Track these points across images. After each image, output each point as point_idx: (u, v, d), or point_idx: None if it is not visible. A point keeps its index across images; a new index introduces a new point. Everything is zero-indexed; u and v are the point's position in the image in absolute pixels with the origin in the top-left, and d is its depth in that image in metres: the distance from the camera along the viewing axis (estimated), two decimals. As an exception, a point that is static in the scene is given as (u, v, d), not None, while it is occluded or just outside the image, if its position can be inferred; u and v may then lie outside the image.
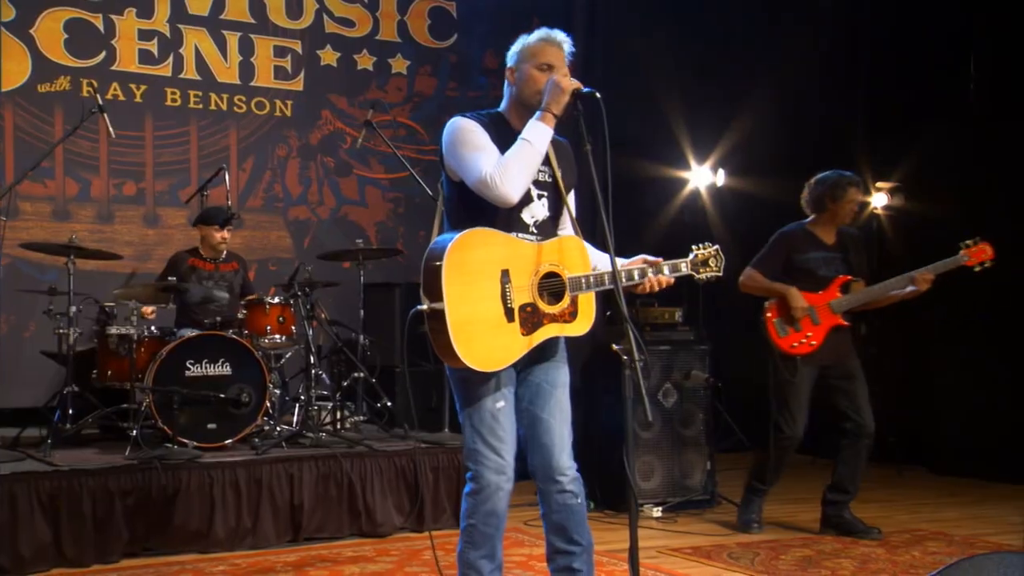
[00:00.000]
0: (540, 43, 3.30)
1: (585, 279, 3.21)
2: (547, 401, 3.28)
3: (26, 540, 4.60)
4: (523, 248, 3.17)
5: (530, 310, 3.13)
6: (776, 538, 5.38)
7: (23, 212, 7.26)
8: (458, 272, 3.06)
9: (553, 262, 3.20)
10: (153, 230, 7.58)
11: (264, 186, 7.98)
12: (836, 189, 5.44)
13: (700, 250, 3.46)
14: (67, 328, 5.58)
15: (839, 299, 5.46)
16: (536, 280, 3.16)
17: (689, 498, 6.28)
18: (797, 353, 5.44)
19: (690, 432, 6.36)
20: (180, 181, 7.66)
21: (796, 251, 5.53)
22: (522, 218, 3.25)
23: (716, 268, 3.47)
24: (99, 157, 7.47)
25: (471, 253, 3.09)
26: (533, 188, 3.28)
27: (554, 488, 3.28)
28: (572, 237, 3.27)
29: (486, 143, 3.19)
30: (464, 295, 3.05)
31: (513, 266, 3.13)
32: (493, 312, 3.08)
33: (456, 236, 3.07)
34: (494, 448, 3.17)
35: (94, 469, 4.82)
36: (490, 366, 3.09)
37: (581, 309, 3.23)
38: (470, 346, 3.04)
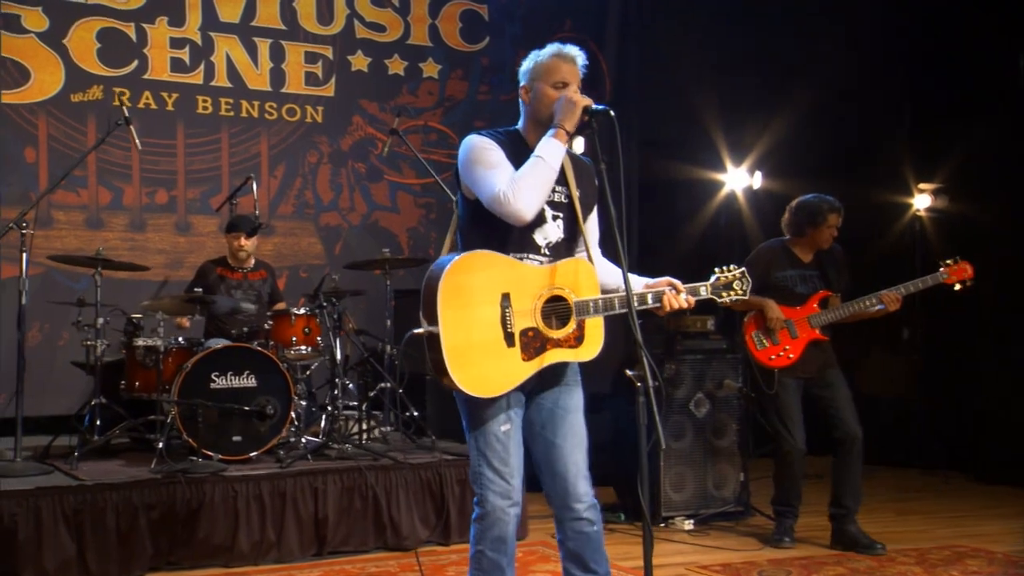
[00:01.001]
0: (552, 60, 3.22)
1: (593, 303, 3.12)
2: (560, 426, 3.20)
3: (51, 554, 4.60)
4: (526, 271, 3.09)
5: (532, 335, 3.05)
6: (810, 555, 5.25)
7: (56, 221, 7.32)
8: (454, 296, 2.99)
9: (559, 285, 3.11)
10: (185, 238, 7.60)
11: (295, 193, 7.97)
12: (816, 216, 5.47)
13: (723, 273, 3.35)
14: (94, 340, 5.58)
15: (817, 314, 5.47)
16: (540, 304, 3.07)
17: (723, 510, 6.17)
18: (775, 366, 5.44)
19: (723, 442, 6.24)
20: (211, 189, 7.67)
21: (774, 267, 5.55)
22: (534, 239, 3.17)
23: (741, 291, 3.36)
24: (131, 165, 7.50)
25: (469, 277, 3.02)
26: (548, 209, 3.20)
27: (569, 516, 3.20)
28: (581, 259, 3.18)
29: (500, 160, 3.12)
30: (460, 319, 2.98)
31: (515, 290, 3.05)
32: (491, 337, 3.00)
33: (455, 259, 3.01)
34: (499, 472, 3.09)
35: (118, 483, 4.81)
36: (487, 392, 3.02)
37: (588, 334, 3.14)
38: (466, 371, 2.97)
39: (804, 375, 5.48)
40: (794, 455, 5.46)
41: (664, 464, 6.05)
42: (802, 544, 5.51)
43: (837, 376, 5.50)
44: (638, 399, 2.90)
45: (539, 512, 5.62)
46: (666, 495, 6.05)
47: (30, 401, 6.87)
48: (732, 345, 6.31)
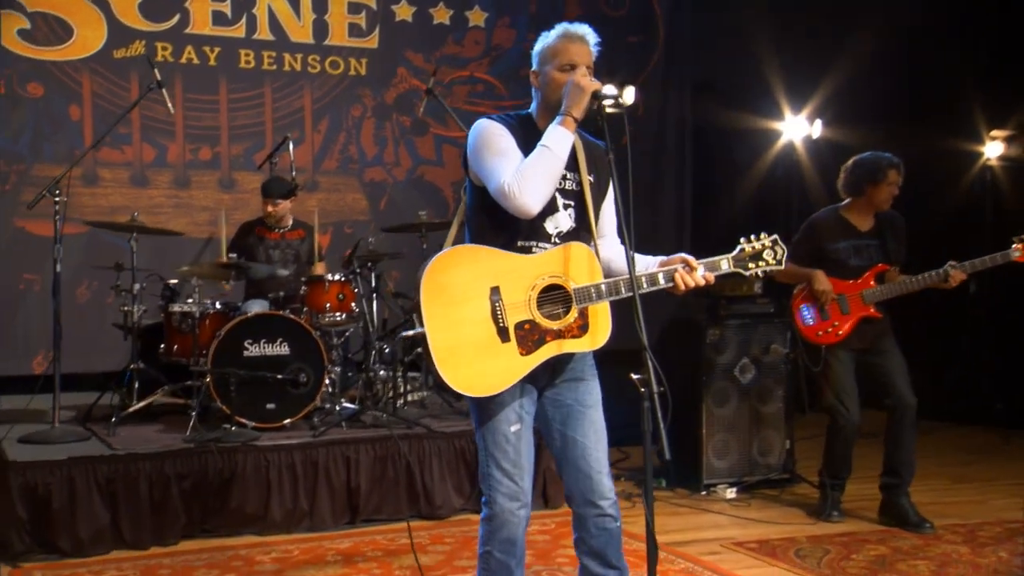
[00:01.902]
0: (561, 41, 3.05)
1: (595, 289, 2.95)
2: (580, 422, 3.08)
3: (85, 523, 4.64)
4: (517, 262, 2.94)
5: (528, 327, 2.91)
6: (853, 531, 5.09)
7: (102, 179, 7.34)
8: (438, 295, 2.87)
9: (554, 273, 2.95)
10: (229, 194, 7.58)
11: (339, 148, 7.88)
12: (876, 172, 5.13)
13: (749, 244, 3.13)
14: (131, 305, 5.59)
15: (872, 289, 5.17)
16: (534, 295, 2.93)
17: (768, 477, 6.04)
18: (822, 342, 5.21)
19: (769, 408, 6.08)
20: (255, 144, 7.62)
21: (827, 239, 5.25)
22: (545, 228, 3.02)
23: (774, 261, 3.13)
24: (175, 122, 7.47)
25: (452, 274, 2.89)
26: (559, 197, 3.04)
27: (594, 512, 3.09)
28: (579, 244, 3.01)
29: (509, 148, 2.97)
30: (447, 318, 2.86)
31: (504, 282, 2.91)
32: (483, 333, 2.88)
33: (435, 257, 2.89)
34: (508, 473, 2.99)
35: (150, 453, 4.83)
36: (483, 391, 2.90)
37: (593, 322, 2.98)
38: (458, 371, 2.85)
39: (857, 347, 5.24)
40: (848, 430, 5.26)
41: (707, 431, 5.91)
42: (849, 515, 5.36)
43: (891, 344, 5.25)
44: (643, 404, 2.75)
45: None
46: (708, 462, 5.93)
47: (80, 358, 7.04)
48: (780, 309, 6.10)
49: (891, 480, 5.23)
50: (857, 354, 5.26)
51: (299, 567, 4.45)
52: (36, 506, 4.60)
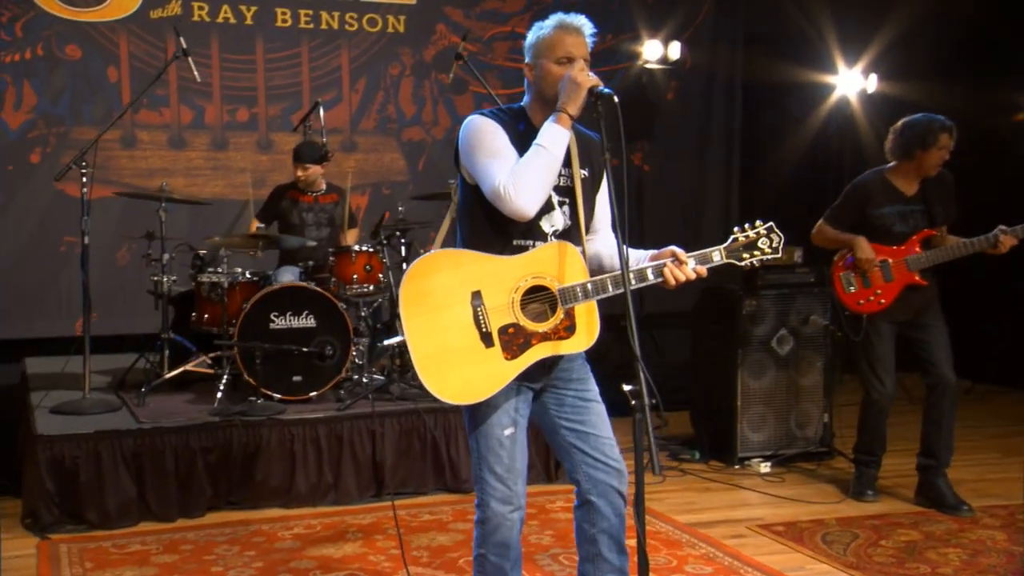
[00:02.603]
0: (556, 32, 2.92)
1: (581, 288, 2.85)
2: (589, 415, 3.02)
3: (112, 496, 4.70)
4: (499, 264, 2.85)
5: (513, 331, 2.82)
6: (886, 512, 4.97)
7: (140, 141, 7.34)
8: (418, 302, 2.79)
9: (539, 273, 2.85)
10: (267, 156, 7.54)
11: (377, 107, 7.78)
12: (927, 136, 4.89)
13: (743, 232, 3.02)
14: (161, 275, 5.61)
15: (917, 255, 4.97)
16: (518, 297, 2.83)
17: (805, 450, 5.92)
18: (863, 311, 5.04)
19: (807, 381, 5.93)
20: (292, 105, 7.55)
21: (871, 204, 5.04)
22: (541, 227, 2.93)
23: (770, 250, 3.02)
24: (212, 83, 7.42)
25: (431, 279, 2.81)
26: (553, 194, 2.94)
27: (617, 499, 3.04)
28: (562, 243, 2.90)
29: (502, 147, 2.86)
30: (428, 325, 2.79)
31: (486, 285, 2.82)
32: (467, 340, 2.80)
33: (413, 263, 2.82)
34: (500, 477, 2.94)
35: (175, 427, 4.86)
36: (469, 398, 2.83)
37: (580, 322, 2.88)
38: (443, 379, 2.78)
39: (901, 319, 5.07)
40: (882, 404, 5.13)
41: (741, 403, 5.80)
42: (884, 494, 5.25)
43: (936, 317, 5.06)
44: (635, 416, 2.65)
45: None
46: (743, 435, 5.82)
47: (122, 320, 7.12)
48: (820, 279, 5.93)
49: (928, 461, 5.09)
50: (899, 326, 5.09)
51: (318, 544, 4.47)
52: (64, 479, 4.67)
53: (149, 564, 4.22)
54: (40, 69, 7.07)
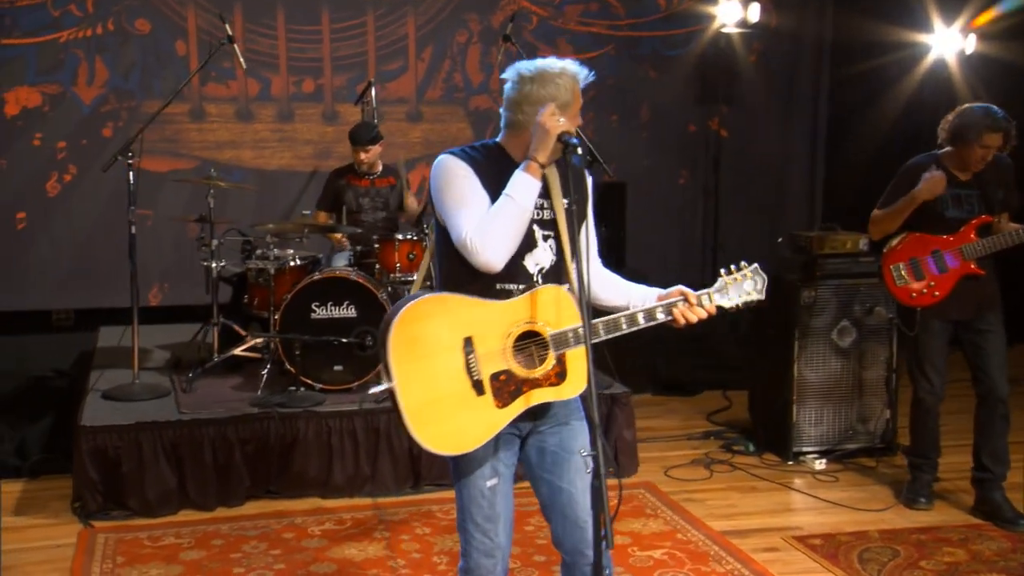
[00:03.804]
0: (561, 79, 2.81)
1: (573, 333, 2.74)
2: (567, 470, 2.90)
3: (152, 485, 4.83)
4: (491, 309, 2.74)
5: (504, 378, 2.72)
6: (937, 523, 4.75)
7: (208, 114, 7.42)
8: (408, 348, 2.68)
9: (529, 319, 2.74)
10: (332, 127, 7.53)
11: (443, 76, 7.68)
12: (968, 131, 4.60)
13: (730, 275, 2.90)
14: (210, 260, 5.67)
15: (973, 243, 4.65)
16: (510, 343, 2.73)
17: (866, 446, 5.69)
18: (916, 304, 4.76)
19: (870, 374, 5.68)
20: (358, 75, 7.51)
21: None
22: (525, 267, 2.82)
23: (755, 292, 2.91)
24: (278, 55, 7.43)
25: (422, 326, 2.70)
26: (537, 229, 2.83)
27: (584, 562, 2.95)
28: (553, 287, 2.78)
29: (471, 194, 2.75)
30: (418, 373, 2.68)
31: (478, 332, 2.71)
32: (457, 388, 2.70)
33: (404, 307, 2.70)
34: (483, 530, 2.87)
35: (213, 419, 4.95)
36: (459, 448, 2.75)
37: (570, 368, 2.77)
38: (431, 428, 2.69)
39: (956, 317, 4.79)
40: (930, 404, 4.89)
41: (798, 396, 5.60)
42: (942, 499, 5.02)
43: (994, 322, 4.76)
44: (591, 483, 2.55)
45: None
46: (799, 429, 5.63)
47: (190, 290, 7.27)
48: (887, 267, 5.64)
49: (981, 475, 4.84)
50: (953, 325, 4.82)
51: (344, 542, 4.50)
52: (107, 468, 4.81)
53: (176, 561, 4.32)
54: (111, 44, 7.18)
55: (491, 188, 2.78)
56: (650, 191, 8.04)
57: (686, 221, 8.30)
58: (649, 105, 8.13)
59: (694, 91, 8.21)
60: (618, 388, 5.52)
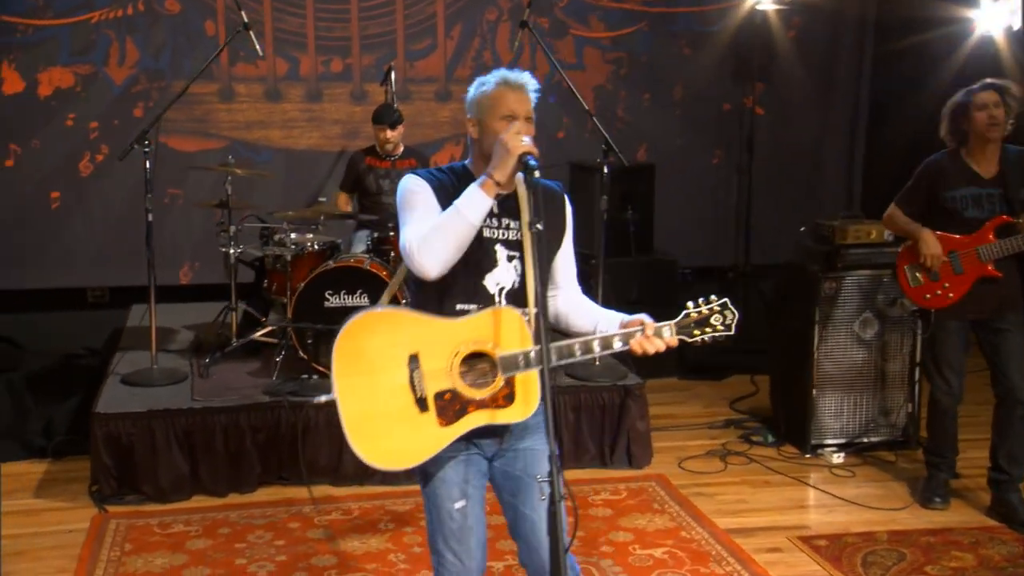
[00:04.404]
0: (498, 89, 2.79)
1: (523, 357, 2.70)
2: (528, 496, 2.88)
3: (165, 471, 4.91)
4: (438, 328, 2.72)
5: (449, 397, 2.70)
6: (950, 525, 4.66)
7: (237, 94, 7.45)
8: (352, 361, 2.70)
9: (478, 340, 2.72)
10: (360, 107, 7.52)
11: (472, 55, 7.62)
12: (963, 105, 4.53)
13: (696, 308, 2.82)
14: (228, 246, 5.72)
15: (990, 244, 4.51)
16: (456, 362, 2.71)
17: (886, 439, 5.60)
18: (930, 306, 4.66)
19: (892, 367, 5.57)
20: (386, 55, 7.48)
21: (943, 186, 4.61)
22: (485, 287, 2.79)
23: (722, 327, 2.83)
24: (306, 34, 7.42)
25: (367, 340, 2.70)
26: (501, 249, 2.80)
27: None
28: (507, 309, 2.74)
29: (424, 207, 2.75)
30: (361, 387, 2.69)
31: (424, 349, 2.70)
32: (400, 404, 2.69)
33: (349, 321, 2.71)
34: (454, 551, 2.86)
35: (225, 407, 5.01)
36: (398, 464, 2.76)
37: (520, 391, 2.73)
38: (371, 443, 2.70)
39: (973, 316, 4.68)
40: (947, 405, 4.80)
41: (817, 389, 5.51)
42: (959, 498, 4.93)
43: (1014, 321, 4.62)
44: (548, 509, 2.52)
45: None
46: (818, 421, 5.55)
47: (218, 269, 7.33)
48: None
49: (998, 476, 4.74)
50: (970, 324, 4.71)
51: (348, 535, 4.55)
52: (120, 454, 4.90)
53: (182, 550, 4.40)
54: (141, 24, 7.23)
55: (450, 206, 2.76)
56: (683, 171, 7.92)
57: (719, 201, 8.17)
58: (683, 83, 7.99)
59: (729, 69, 8.04)
60: (632, 379, 5.48)
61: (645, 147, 7.93)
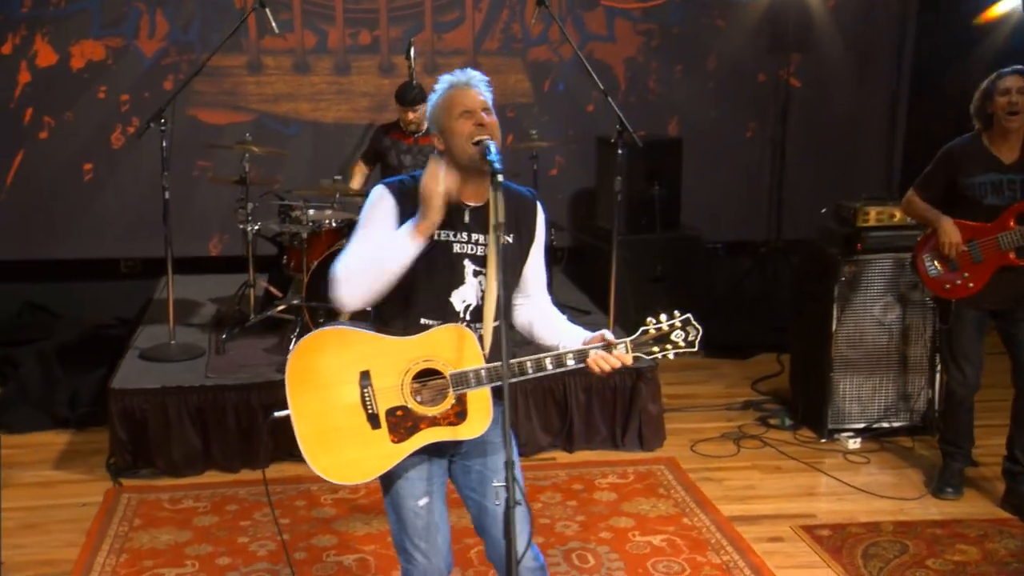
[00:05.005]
0: (448, 93, 2.77)
1: (474, 374, 2.70)
2: (490, 489, 2.89)
3: (178, 447, 5.00)
4: (388, 345, 2.72)
5: (401, 414, 2.71)
6: (960, 516, 4.58)
7: (266, 67, 7.47)
8: (303, 379, 2.73)
9: (429, 357, 2.71)
10: (388, 79, 7.49)
11: (501, 27, 7.55)
12: (985, 92, 4.45)
13: (654, 325, 2.78)
14: (246, 223, 5.76)
15: (1011, 232, 4.38)
16: (407, 379, 2.71)
17: (905, 424, 5.51)
18: (950, 296, 4.55)
19: (914, 352, 5.47)
20: (414, 26, 7.43)
21: (962, 172, 4.48)
22: (451, 304, 2.78)
23: (684, 344, 2.78)
24: (334, 6, 7.41)
25: (318, 358, 2.72)
26: (468, 264, 2.78)
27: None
28: (459, 327, 2.73)
29: (371, 229, 2.75)
30: (314, 403, 2.73)
31: (375, 366, 2.71)
32: (353, 421, 2.72)
33: (301, 340, 2.75)
34: (420, 549, 2.87)
35: (237, 384, 5.07)
36: (353, 479, 2.78)
37: (472, 408, 2.73)
38: (325, 458, 2.73)
39: (991, 307, 4.57)
40: (962, 395, 4.70)
41: (836, 373, 5.43)
42: (972, 491, 4.85)
43: None
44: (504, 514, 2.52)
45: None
46: (836, 406, 5.47)
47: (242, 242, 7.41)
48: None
49: (1013, 467, 4.65)
50: (989, 315, 4.60)
51: (351, 515, 4.60)
52: (135, 429, 5.00)
53: (189, 527, 4.48)
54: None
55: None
56: (716, 144, 7.80)
57: (752, 175, 8.03)
58: (716, 54, 7.84)
59: (765, 39, 7.86)
60: (643, 362, 5.43)
61: (676, 120, 7.81)
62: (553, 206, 7.54)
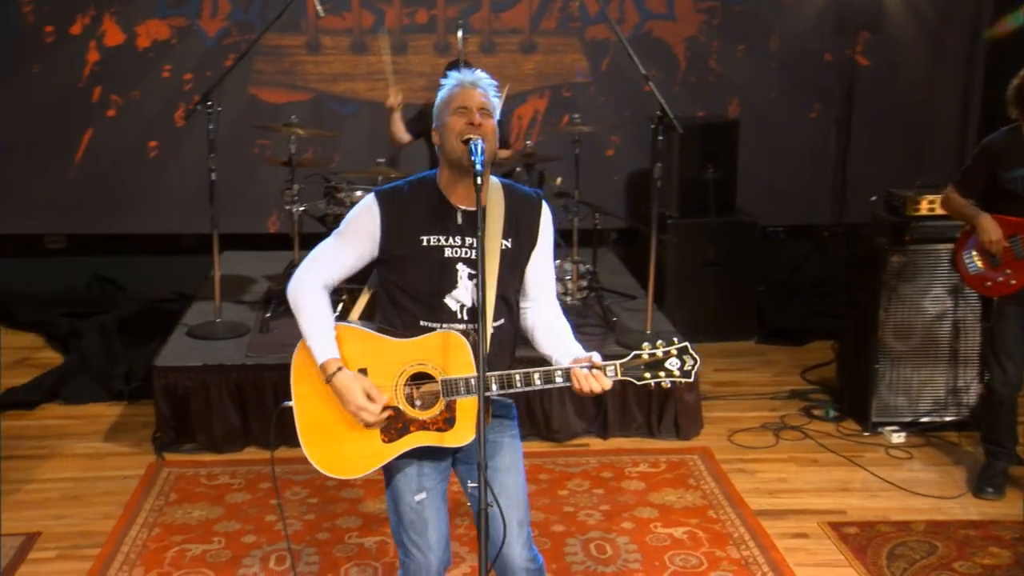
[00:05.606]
0: (452, 89, 2.82)
1: (464, 383, 2.71)
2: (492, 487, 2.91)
3: (219, 423, 5.13)
4: (385, 345, 2.76)
5: (393, 415, 2.76)
6: (996, 518, 4.46)
7: (324, 47, 7.54)
8: (307, 372, 2.81)
9: (422, 361, 2.74)
10: (445, 59, 7.45)
11: (559, 5, 7.47)
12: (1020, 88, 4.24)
13: (648, 350, 2.72)
14: (292, 204, 5.84)
15: None
16: (400, 382, 2.74)
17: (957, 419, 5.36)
18: (992, 294, 4.45)
19: (963, 345, 5.31)
20: (471, 6, 7.41)
21: (1002, 165, 4.33)
22: (447, 306, 2.80)
23: (679, 372, 2.72)
24: (393, -16, 7.44)
25: None
26: (462, 267, 2.79)
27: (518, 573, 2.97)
28: (451, 333, 2.74)
29: (341, 244, 2.87)
30: (314, 395, 2.81)
31: (372, 365, 2.75)
32: (346, 416, 2.78)
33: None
34: (417, 544, 2.91)
35: (275, 364, 5.15)
36: (344, 473, 2.86)
37: (460, 415, 2.75)
38: (320, 450, 2.82)
39: None
40: (1004, 394, 4.58)
41: (881, 365, 5.31)
42: (1016, 491, 4.70)
43: None
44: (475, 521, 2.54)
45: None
46: (880, 399, 5.35)
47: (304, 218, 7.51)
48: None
49: (1053, 467, 4.49)
50: None
51: (378, 495, 4.64)
52: (177, 405, 5.14)
53: (221, 503, 4.60)
54: (231, -24, 7.38)
55: (413, 227, 2.79)
56: (778, 125, 7.64)
57: (817, 157, 7.84)
58: (779, 33, 7.65)
59: (832, 17, 7.65)
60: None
61: (737, 101, 7.66)
62: (608, 188, 7.50)
